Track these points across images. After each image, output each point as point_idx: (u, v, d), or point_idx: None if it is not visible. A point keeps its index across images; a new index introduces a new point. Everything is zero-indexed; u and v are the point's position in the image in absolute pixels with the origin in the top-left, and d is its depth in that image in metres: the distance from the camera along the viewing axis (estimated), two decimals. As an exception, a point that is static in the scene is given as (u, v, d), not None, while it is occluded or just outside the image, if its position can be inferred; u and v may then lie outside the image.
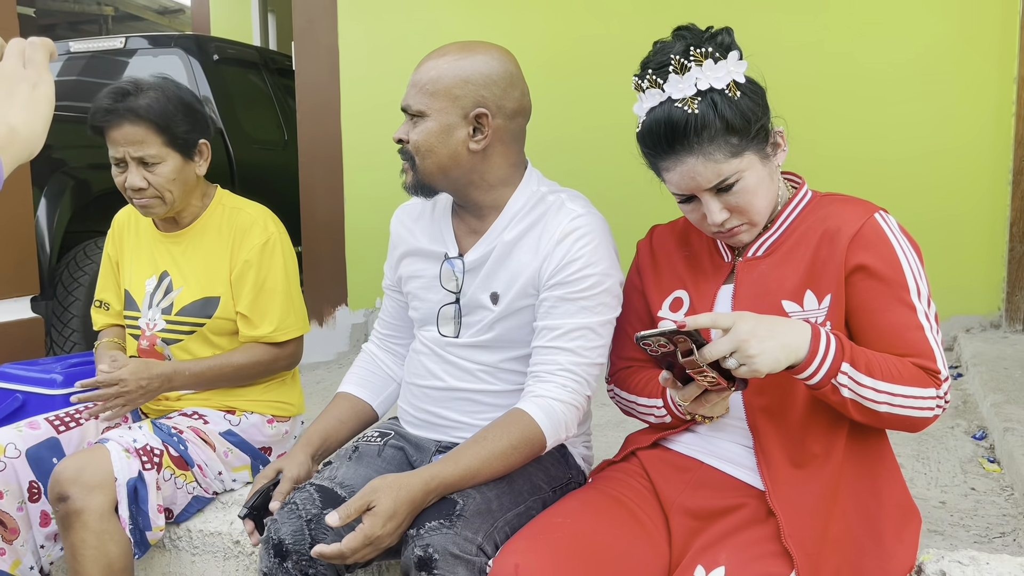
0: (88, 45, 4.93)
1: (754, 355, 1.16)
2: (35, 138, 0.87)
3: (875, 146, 3.64)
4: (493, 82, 1.47)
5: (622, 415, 2.63)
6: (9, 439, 1.82)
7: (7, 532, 1.80)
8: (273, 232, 1.98)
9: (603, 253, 1.47)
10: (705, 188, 1.30)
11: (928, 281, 1.30)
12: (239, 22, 8.13)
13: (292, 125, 4.97)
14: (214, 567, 1.94)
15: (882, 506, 1.31)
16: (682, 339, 1.17)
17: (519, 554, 1.23)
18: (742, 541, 1.26)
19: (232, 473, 2.00)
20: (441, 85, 1.46)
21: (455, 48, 1.50)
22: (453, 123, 1.47)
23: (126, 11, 11.06)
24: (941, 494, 1.87)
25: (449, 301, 1.58)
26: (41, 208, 3.32)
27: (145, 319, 2.00)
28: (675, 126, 1.27)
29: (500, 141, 1.50)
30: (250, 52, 5.36)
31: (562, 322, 1.45)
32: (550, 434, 1.43)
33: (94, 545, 1.66)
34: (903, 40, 3.61)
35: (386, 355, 1.78)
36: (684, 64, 1.26)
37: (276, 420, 2.06)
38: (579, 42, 4.12)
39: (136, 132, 1.87)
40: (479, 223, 1.56)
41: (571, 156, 4.06)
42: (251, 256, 1.95)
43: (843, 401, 1.23)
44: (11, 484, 1.79)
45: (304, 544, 1.42)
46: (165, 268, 2.01)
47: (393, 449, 1.62)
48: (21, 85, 0.87)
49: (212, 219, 2.01)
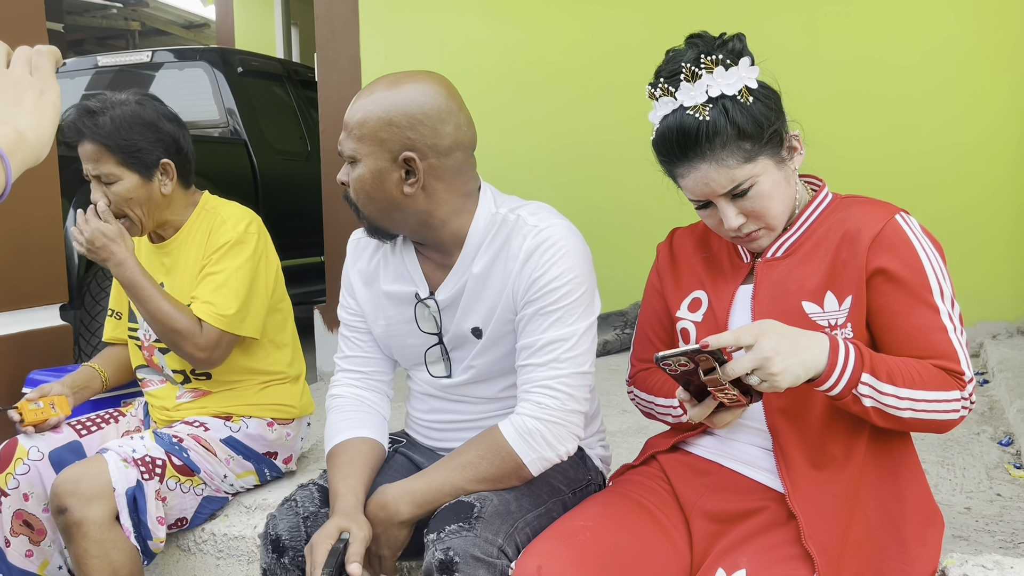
0: (115, 59, 5.01)
1: (777, 373, 1.16)
2: (42, 143, 0.88)
3: (895, 145, 3.62)
4: (419, 122, 1.38)
5: (641, 422, 2.64)
6: (32, 442, 1.86)
7: (34, 534, 1.83)
8: (241, 232, 1.94)
9: (569, 262, 1.41)
10: (720, 194, 1.30)
11: (952, 281, 1.30)
12: (263, 35, 8.24)
13: (315, 136, 5.02)
14: (238, 570, 1.96)
15: (905, 509, 1.30)
16: (704, 358, 1.17)
17: (542, 556, 1.23)
18: (763, 544, 1.26)
19: (237, 480, 2.01)
20: (367, 129, 1.39)
21: (382, 85, 1.42)
22: (384, 168, 1.40)
23: (153, 26, 11.23)
24: (966, 500, 1.85)
25: (432, 343, 1.54)
26: (70, 219, 3.38)
27: (143, 330, 2.03)
28: (687, 133, 1.27)
29: (437, 179, 1.42)
30: (273, 64, 5.43)
31: (535, 338, 1.41)
32: (523, 450, 1.38)
33: (97, 555, 1.68)
34: (920, 38, 3.59)
35: (370, 394, 1.61)
36: (695, 71, 1.27)
37: (277, 423, 2.05)
38: (600, 49, 4.13)
39: (93, 150, 1.90)
40: (444, 257, 1.50)
41: (596, 163, 4.08)
42: (213, 251, 1.94)
43: (865, 410, 1.23)
44: (36, 487, 1.83)
45: (300, 540, 1.44)
46: (160, 279, 2.02)
47: (401, 456, 1.63)
48: (28, 92, 0.89)
49: (195, 226, 2.01)
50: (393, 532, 1.39)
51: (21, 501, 1.83)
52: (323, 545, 1.33)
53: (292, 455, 2.14)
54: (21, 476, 1.82)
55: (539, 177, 4.39)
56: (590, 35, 4.17)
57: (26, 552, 1.84)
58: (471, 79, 4.60)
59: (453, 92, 1.45)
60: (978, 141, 3.55)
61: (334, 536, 1.35)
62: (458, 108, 1.44)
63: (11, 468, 1.82)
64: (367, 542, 1.36)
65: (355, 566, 1.31)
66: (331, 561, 1.33)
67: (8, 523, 1.82)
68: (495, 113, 4.50)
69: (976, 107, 3.55)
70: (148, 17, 11.06)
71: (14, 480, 1.82)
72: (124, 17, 10.86)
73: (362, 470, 1.48)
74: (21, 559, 1.83)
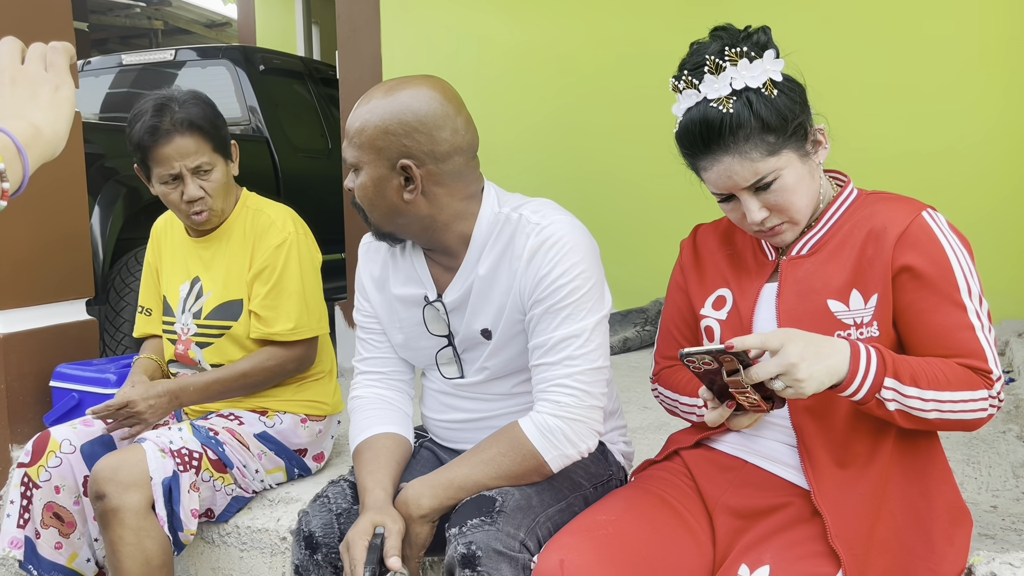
0: (139, 58, 5.06)
1: (803, 379, 1.15)
2: (58, 138, 0.89)
3: (919, 143, 3.59)
4: (415, 129, 1.38)
5: (662, 418, 2.63)
6: (64, 435, 1.88)
7: (64, 526, 1.86)
8: (291, 232, 1.98)
9: (575, 258, 1.40)
10: (743, 187, 1.29)
11: (980, 278, 1.28)
12: (284, 33, 8.28)
13: (336, 134, 5.04)
14: (261, 563, 1.98)
15: (932, 507, 1.29)
16: (728, 359, 1.17)
17: (564, 550, 1.23)
18: (787, 540, 1.26)
19: (267, 476, 2.02)
20: (365, 137, 1.40)
21: (379, 93, 1.42)
22: (383, 175, 1.41)
23: (175, 25, 11.32)
24: (992, 498, 1.83)
25: (442, 345, 1.54)
26: (95, 216, 3.42)
27: (179, 324, 2.04)
28: (710, 126, 1.26)
29: (437, 184, 1.42)
30: (295, 62, 5.46)
31: (547, 337, 1.40)
32: (544, 448, 1.39)
33: (132, 542, 1.70)
34: (948, 34, 3.56)
35: (392, 392, 1.62)
36: (719, 64, 1.26)
37: (310, 420, 2.07)
38: (619, 44, 4.12)
39: (188, 143, 1.88)
40: (451, 259, 1.50)
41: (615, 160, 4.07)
42: (267, 256, 1.95)
43: (890, 414, 1.22)
44: (67, 479, 1.85)
45: (333, 537, 1.44)
46: (197, 273, 2.04)
47: (426, 451, 1.63)
48: (44, 87, 0.90)
49: (237, 222, 2.03)
50: (415, 528, 1.39)
51: (52, 494, 1.85)
52: (360, 542, 1.34)
53: (323, 452, 2.16)
54: (53, 469, 1.84)
55: (557, 174, 4.38)
56: (609, 31, 4.16)
57: (56, 544, 1.86)
58: (489, 76, 4.60)
59: (451, 96, 1.44)
60: (1004, 137, 3.51)
61: (369, 532, 1.36)
62: (455, 112, 1.42)
63: (43, 460, 1.85)
64: (403, 534, 1.37)
65: (395, 559, 1.33)
66: (371, 558, 1.33)
67: (39, 515, 1.84)
68: (513, 109, 4.50)
69: (1003, 103, 3.51)
70: (171, 16, 11.15)
71: (46, 472, 1.84)
72: (147, 16, 10.95)
73: (388, 464, 1.48)
74: (51, 551, 1.85)
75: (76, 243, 2.60)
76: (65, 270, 2.57)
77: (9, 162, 0.80)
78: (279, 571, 1.97)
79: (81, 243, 2.62)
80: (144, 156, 1.91)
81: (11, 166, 0.80)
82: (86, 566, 1.90)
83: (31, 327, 2.47)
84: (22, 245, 2.44)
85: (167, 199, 1.95)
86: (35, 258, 2.48)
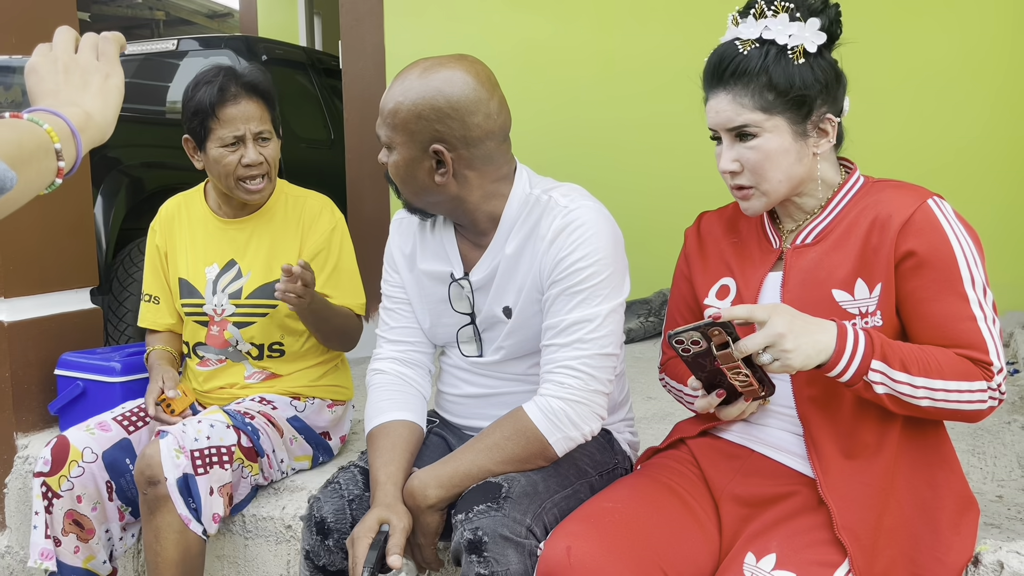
0: (142, 47, 5.05)
1: (790, 350, 1.16)
2: (107, 124, 0.95)
3: (930, 135, 3.58)
4: (447, 115, 1.39)
5: (666, 408, 2.63)
6: (85, 443, 1.86)
7: (84, 532, 1.85)
8: (340, 218, 2.06)
9: (597, 243, 1.41)
10: (726, 128, 1.31)
11: (986, 269, 1.27)
12: (286, 23, 8.26)
13: (338, 124, 5.03)
14: (266, 551, 1.98)
15: (939, 497, 1.29)
16: (716, 331, 1.18)
17: (571, 537, 1.23)
18: (793, 528, 1.26)
19: (294, 463, 2.04)
20: (399, 119, 1.41)
21: (415, 73, 1.42)
22: (416, 156, 1.43)
23: (177, 15, 11.30)
24: (998, 488, 1.83)
25: (465, 323, 1.56)
26: (98, 205, 3.42)
27: (211, 305, 2.03)
28: (723, 60, 1.30)
29: (468, 168, 1.44)
30: (297, 52, 5.45)
31: (560, 318, 1.41)
32: (548, 430, 1.39)
33: (179, 529, 1.71)
34: (962, 25, 3.54)
35: (411, 370, 1.63)
36: (764, 11, 1.28)
37: (335, 404, 2.11)
38: (625, 35, 4.11)
39: (254, 108, 1.92)
40: (480, 238, 1.52)
41: (619, 152, 4.06)
42: (323, 241, 2.01)
43: (879, 397, 1.22)
44: (88, 487, 1.84)
45: (345, 523, 1.45)
46: (232, 255, 2.03)
47: (436, 437, 1.64)
48: (95, 76, 0.96)
49: (278, 205, 2.05)
50: (424, 518, 1.40)
51: (73, 503, 1.83)
52: (364, 540, 1.35)
53: (344, 434, 2.20)
54: (75, 479, 1.82)
55: (560, 164, 4.37)
56: (615, 21, 4.14)
57: (74, 548, 1.85)
58: (493, 66, 4.58)
59: (484, 79, 1.44)
60: (1011, 127, 3.50)
61: (374, 529, 1.36)
62: (488, 96, 1.43)
63: (65, 471, 1.82)
64: (407, 532, 1.37)
65: (395, 558, 1.34)
66: (371, 556, 1.34)
67: (60, 523, 1.83)
68: (516, 99, 4.48)
69: (1011, 93, 3.50)
70: (172, 7, 11.13)
71: (68, 482, 1.81)
72: (149, 7, 10.94)
73: (402, 455, 1.48)
74: (70, 556, 1.84)
75: (81, 232, 2.60)
76: (70, 259, 2.57)
77: (64, 143, 0.85)
78: (284, 559, 1.97)
79: (86, 232, 2.62)
80: (205, 119, 1.91)
81: (66, 146, 0.86)
82: (102, 567, 1.89)
83: (36, 315, 2.47)
84: (27, 234, 2.44)
85: (222, 163, 1.92)
86: (40, 247, 2.48)
